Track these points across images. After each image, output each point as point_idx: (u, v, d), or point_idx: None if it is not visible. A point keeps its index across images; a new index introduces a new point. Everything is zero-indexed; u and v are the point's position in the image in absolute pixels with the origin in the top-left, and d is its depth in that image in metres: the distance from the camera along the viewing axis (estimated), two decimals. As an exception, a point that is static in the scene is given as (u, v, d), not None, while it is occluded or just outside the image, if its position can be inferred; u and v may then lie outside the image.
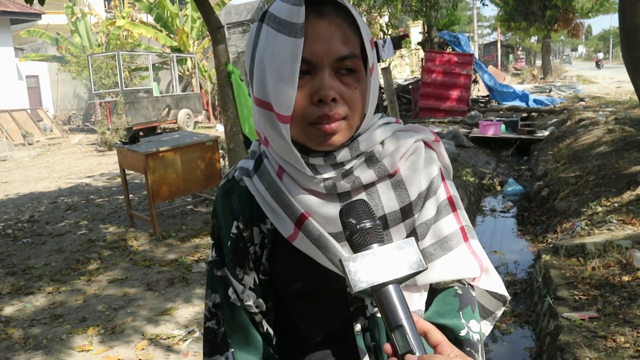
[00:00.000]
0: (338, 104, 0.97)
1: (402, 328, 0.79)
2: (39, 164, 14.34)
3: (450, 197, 1.14)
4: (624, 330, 3.31)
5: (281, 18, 0.94)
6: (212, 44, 6.84)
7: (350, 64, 0.97)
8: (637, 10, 6.57)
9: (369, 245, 0.85)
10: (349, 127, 1.00)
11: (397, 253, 0.83)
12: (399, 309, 0.80)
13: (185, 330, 4.18)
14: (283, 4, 0.95)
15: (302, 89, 0.96)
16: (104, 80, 20.57)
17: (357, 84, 0.99)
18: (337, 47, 0.96)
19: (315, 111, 0.96)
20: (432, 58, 17.21)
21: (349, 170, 1.03)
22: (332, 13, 0.96)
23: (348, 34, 0.97)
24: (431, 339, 0.84)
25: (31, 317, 4.58)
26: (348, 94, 0.98)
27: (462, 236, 1.11)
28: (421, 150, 1.09)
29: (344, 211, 0.89)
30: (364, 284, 0.80)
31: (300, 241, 1.03)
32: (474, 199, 8.25)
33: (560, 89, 23.87)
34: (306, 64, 0.95)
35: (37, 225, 7.63)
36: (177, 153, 6.68)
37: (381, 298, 0.81)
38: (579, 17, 32.27)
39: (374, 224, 0.87)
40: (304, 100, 0.96)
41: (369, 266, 0.81)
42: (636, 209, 5.56)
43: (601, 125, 10.90)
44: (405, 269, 0.82)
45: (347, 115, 0.98)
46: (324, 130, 0.97)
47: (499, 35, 46.08)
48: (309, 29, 0.94)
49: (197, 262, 5.66)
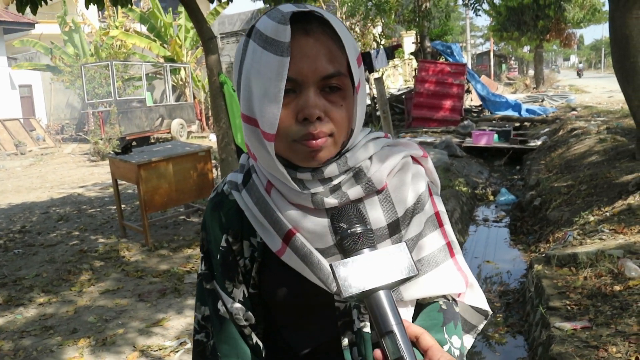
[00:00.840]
0: (323, 122, 0.96)
1: (392, 334, 0.79)
2: (31, 174, 14.29)
3: (437, 212, 1.14)
4: (615, 340, 3.31)
5: (267, 35, 0.94)
6: (205, 55, 6.84)
7: (335, 82, 0.97)
8: (627, 21, 6.61)
9: (359, 250, 0.84)
10: (335, 144, 1.00)
11: (389, 258, 0.82)
12: (389, 315, 0.80)
13: (176, 341, 4.16)
14: (269, 21, 0.95)
15: (287, 107, 0.96)
16: (97, 90, 20.54)
17: (343, 101, 0.99)
18: (323, 66, 0.95)
19: (300, 130, 0.96)
20: (425, 68, 17.27)
21: (337, 185, 1.03)
22: (318, 31, 0.96)
23: (334, 51, 0.97)
24: (422, 343, 0.84)
25: (21, 328, 4.54)
26: (334, 111, 0.97)
27: (449, 252, 1.11)
28: (409, 166, 1.10)
29: (335, 216, 0.89)
30: (354, 289, 0.79)
31: (288, 256, 1.03)
32: (466, 209, 8.26)
33: (553, 98, 23.98)
34: (291, 82, 0.95)
35: (29, 235, 7.59)
36: (169, 163, 6.67)
37: (372, 304, 0.81)
38: (571, 27, 32.45)
39: (365, 229, 0.87)
40: (289, 118, 0.96)
41: (359, 271, 0.81)
42: (628, 218, 5.58)
43: (593, 135, 10.95)
44: (397, 274, 0.82)
45: (333, 132, 0.98)
46: (309, 146, 0.97)
47: (491, 45, 46.29)
48: (295, 47, 0.94)
49: (189, 272, 5.64)
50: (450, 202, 7.57)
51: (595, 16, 30.42)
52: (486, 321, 1.22)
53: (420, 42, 19.07)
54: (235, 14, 27.30)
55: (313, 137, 0.96)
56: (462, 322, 1.20)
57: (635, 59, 6.69)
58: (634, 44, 6.67)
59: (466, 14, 41.73)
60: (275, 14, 0.95)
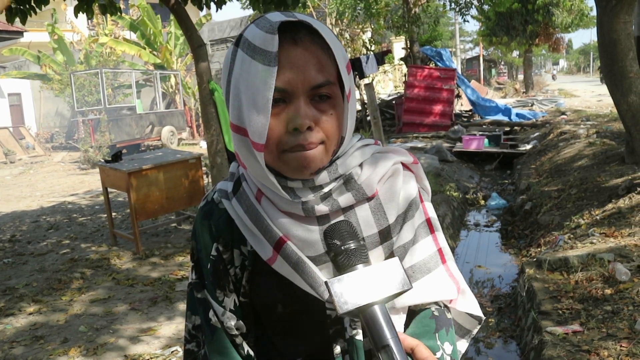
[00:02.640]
0: (313, 131, 0.96)
1: (389, 347, 0.79)
2: (21, 183, 14.21)
3: (428, 219, 1.14)
4: (607, 344, 3.32)
5: (256, 45, 0.93)
6: (195, 62, 6.84)
7: (325, 92, 0.97)
8: (614, 26, 6.66)
9: (353, 266, 0.85)
10: (326, 153, 1.00)
11: (382, 273, 0.83)
12: (385, 329, 0.80)
13: (168, 350, 4.14)
14: (258, 30, 0.94)
15: (277, 117, 0.96)
16: (87, 98, 20.47)
17: (333, 110, 0.98)
18: (312, 75, 0.95)
19: (291, 140, 0.96)
20: (415, 73, 17.32)
21: (328, 193, 1.03)
22: (307, 40, 0.95)
23: (323, 61, 0.96)
24: (417, 355, 0.85)
25: (11, 338, 4.51)
26: (324, 120, 0.97)
27: (440, 258, 1.12)
28: (399, 173, 1.09)
29: (329, 232, 0.90)
30: (350, 305, 0.80)
31: (279, 264, 1.03)
32: (457, 214, 8.28)
33: (542, 102, 24.11)
34: (281, 92, 0.94)
35: (19, 244, 7.55)
36: (160, 171, 6.65)
37: (367, 318, 0.81)
38: (560, 32, 32.68)
39: (358, 245, 0.87)
40: (279, 129, 0.96)
41: (354, 287, 0.81)
42: (618, 221, 5.60)
43: (582, 139, 11.02)
44: (391, 289, 0.82)
45: (324, 141, 0.98)
46: (300, 157, 0.97)
47: (481, 50, 46.52)
48: (283, 57, 0.93)
49: (180, 280, 5.62)
50: (441, 207, 7.59)
51: (583, 21, 30.63)
52: (480, 326, 1.22)
53: (409, 48, 19.14)
54: (225, 20, 27.33)
55: (303, 148, 0.96)
56: (456, 327, 1.20)
57: (623, 63, 6.74)
58: (622, 49, 6.71)
59: (455, 19, 41.97)
60: (263, 23, 0.94)
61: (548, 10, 29.37)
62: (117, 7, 6.66)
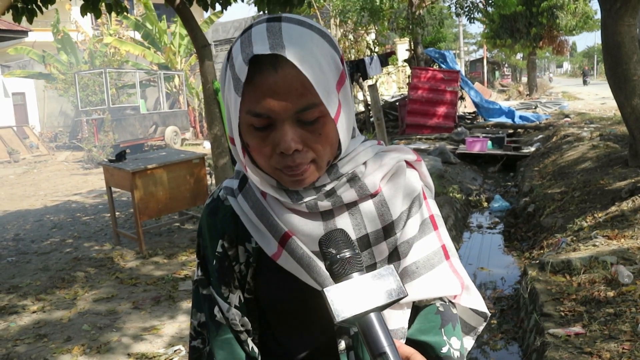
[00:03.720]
0: (302, 152, 0.96)
1: (385, 355, 0.80)
2: (24, 182, 14.25)
3: (432, 215, 1.15)
4: (609, 346, 3.32)
5: (235, 68, 0.93)
6: (199, 62, 6.86)
7: (310, 116, 0.94)
8: (618, 29, 6.66)
9: (349, 275, 0.86)
10: (318, 168, 1.00)
11: (377, 281, 0.84)
12: (381, 337, 0.81)
13: (171, 348, 4.15)
14: (239, 53, 0.93)
15: (265, 141, 0.96)
16: (90, 98, 20.49)
17: (322, 129, 0.96)
18: (294, 101, 0.92)
19: (281, 161, 0.97)
20: (419, 75, 17.30)
21: (331, 190, 1.04)
22: (287, 65, 0.91)
23: (306, 83, 0.92)
24: None
25: (15, 336, 4.53)
26: (313, 140, 0.96)
27: (444, 254, 1.12)
28: (403, 170, 1.10)
29: (324, 241, 0.90)
30: (346, 313, 0.81)
31: (284, 260, 1.04)
32: (460, 216, 8.28)
33: (546, 105, 24.07)
34: (264, 119, 0.94)
35: (22, 243, 7.57)
36: (164, 171, 6.67)
37: (363, 326, 0.82)
38: (564, 35, 32.62)
39: (353, 253, 0.88)
40: (268, 151, 0.97)
41: (350, 296, 0.82)
42: (621, 224, 5.60)
43: (586, 142, 11.00)
44: (386, 297, 0.83)
45: (314, 159, 0.98)
46: (291, 176, 0.98)
47: (484, 52, 46.42)
48: (264, 85, 0.91)
49: (183, 280, 5.63)
50: (444, 209, 7.58)
51: (587, 24, 30.60)
52: (485, 323, 1.22)
53: (413, 49, 19.12)
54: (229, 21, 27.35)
55: (292, 169, 0.97)
56: (462, 324, 1.20)
57: (627, 66, 6.74)
58: (626, 51, 6.71)
59: (459, 21, 41.90)
60: (245, 41, 0.94)
61: (552, 13, 29.34)
62: (124, 6, 6.69)
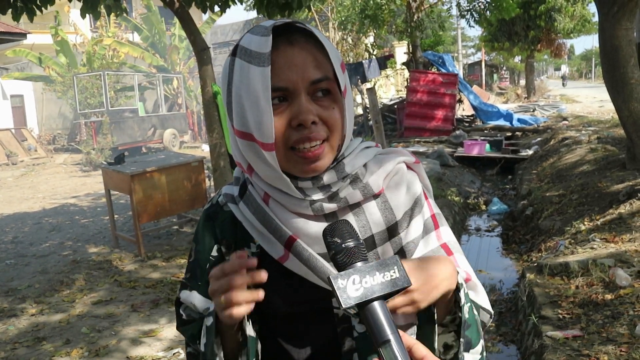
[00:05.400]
0: (318, 126, 1.00)
1: (389, 343, 0.81)
2: (23, 184, 14.24)
3: (433, 215, 1.17)
4: (607, 348, 3.33)
5: (251, 50, 0.98)
6: (198, 65, 6.86)
7: (325, 86, 1.01)
8: (616, 32, 6.68)
9: (353, 264, 0.86)
10: (331, 149, 1.03)
11: (382, 270, 0.85)
12: (385, 325, 0.82)
13: (169, 351, 4.15)
14: (253, 36, 0.99)
15: (281, 116, 0.99)
16: (89, 100, 20.50)
17: (335, 104, 1.02)
18: (310, 72, 0.99)
19: (295, 135, 0.99)
20: (417, 78, 17.32)
21: (336, 192, 1.05)
22: (301, 40, 1.00)
23: (319, 58, 1.00)
24: (416, 353, 0.86)
25: (14, 339, 4.53)
26: (327, 115, 1.01)
27: (445, 252, 1.14)
28: (403, 171, 1.13)
29: (328, 232, 0.91)
30: (352, 300, 0.81)
31: (291, 262, 1.05)
32: (459, 218, 8.29)
33: (544, 108, 24.09)
34: (282, 91, 0.98)
35: (21, 246, 7.57)
36: (162, 174, 6.67)
37: (367, 315, 0.83)
38: (562, 38, 32.68)
39: (357, 243, 0.89)
40: (283, 126, 0.99)
41: (355, 283, 0.83)
42: (619, 227, 5.61)
43: (584, 145, 11.02)
44: (390, 285, 0.84)
45: (328, 136, 1.01)
46: (306, 156, 0.99)
47: (483, 55, 46.44)
48: (281, 58, 0.98)
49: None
50: (442, 212, 7.55)
51: (585, 27, 30.64)
52: (491, 320, 1.21)
53: (412, 52, 19.15)
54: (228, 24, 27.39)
55: (309, 141, 0.99)
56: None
57: (624, 69, 6.76)
58: (623, 55, 6.73)
59: (458, 24, 41.96)
60: (257, 29, 1.00)
61: (550, 16, 29.37)
62: (123, 7, 6.69)
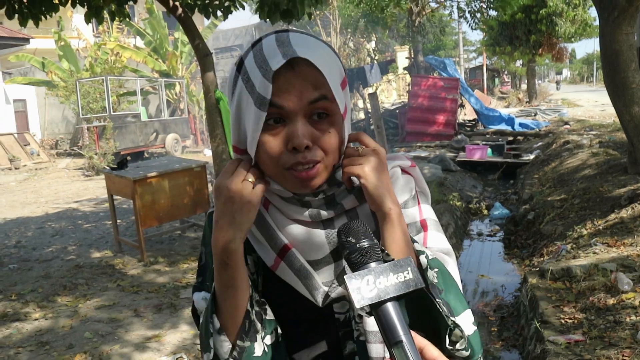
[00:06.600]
0: (312, 150, 0.99)
1: (401, 344, 0.82)
2: (25, 189, 14.27)
3: (423, 220, 1.17)
4: (609, 353, 3.34)
5: (254, 85, 0.98)
6: (201, 71, 6.89)
7: (322, 106, 1.00)
8: (616, 37, 6.69)
9: (367, 264, 0.87)
10: (325, 169, 1.03)
11: (395, 271, 0.85)
12: (397, 326, 0.82)
13: (172, 356, 4.16)
14: (256, 70, 0.98)
15: (276, 137, 0.99)
16: (91, 105, 20.54)
17: (332, 128, 1.01)
18: (309, 92, 0.98)
19: (290, 158, 0.99)
20: (419, 83, 17.37)
21: (332, 197, 1.07)
22: (303, 64, 0.98)
23: (319, 79, 0.99)
24: (427, 354, 0.87)
25: (17, 344, 4.54)
26: (322, 139, 1.00)
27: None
28: (397, 176, 1.14)
29: (342, 231, 0.92)
30: (366, 300, 0.82)
31: (282, 271, 1.07)
32: (460, 223, 8.30)
33: (546, 112, 24.11)
34: (280, 110, 0.98)
35: (24, 250, 7.58)
36: (165, 179, 6.69)
37: (380, 315, 0.83)
38: (563, 42, 32.68)
39: (371, 243, 0.89)
40: (279, 148, 1.00)
41: (369, 283, 0.83)
42: (620, 231, 5.62)
43: (586, 149, 11.03)
44: (403, 287, 0.84)
45: (323, 158, 1.01)
46: (300, 176, 1.00)
47: (484, 60, 46.42)
48: (281, 79, 0.97)
49: (185, 287, 5.65)
50: (444, 217, 7.61)
51: (586, 31, 30.61)
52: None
53: (413, 57, 19.19)
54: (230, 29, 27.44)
55: (302, 164, 0.99)
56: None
57: (625, 74, 6.77)
58: (624, 59, 6.75)
59: (459, 28, 41.97)
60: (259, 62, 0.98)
61: (551, 20, 29.36)
62: (126, 12, 6.72)
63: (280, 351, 1.09)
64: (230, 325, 1.04)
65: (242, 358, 1.03)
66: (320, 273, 1.07)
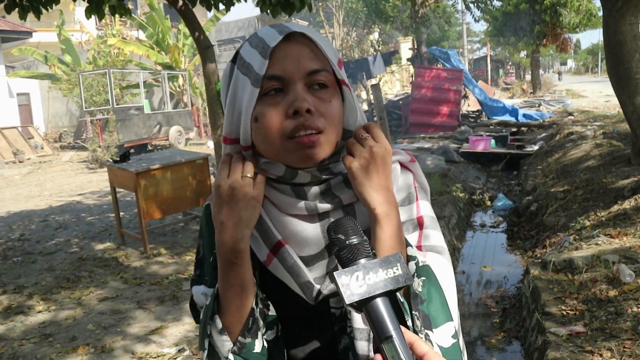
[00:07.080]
0: (314, 116, 0.98)
1: (391, 339, 0.82)
2: (29, 182, 14.30)
3: (420, 217, 1.16)
4: (610, 345, 3.34)
5: (251, 67, 0.99)
6: (202, 63, 6.88)
7: (322, 78, 1.00)
8: (620, 27, 6.66)
9: (356, 261, 0.87)
10: (328, 142, 1.01)
11: (385, 267, 0.85)
12: (387, 321, 0.83)
13: (175, 348, 4.18)
14: (253, 51, 1.00)
15: (277, 107, 0.99)
16: (95, 98, 20.55)
17: (332, 98, 1.02)
18: (307, 63, 0.99)
19: (292, 123, 0.98)
20: (422, 74, 17.33)
21: (328, 188, 1.06)
22: (298, 37, 1.00)
23: (316, 52, 1.00)
24: (417, 350, 0.87)
25: (21, 336, 4.56)
26: (323, 107, 1.00)
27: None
28: (397, 171, 1.13)
29: (332, 228, 0.92)
30: (356, 296, 0.82)
31: (274, 267, 1.06)
32: (464, 214, 8.29)
33: (550, 103, 24.02)
34: (278, 80, 0.98)
35: (28, 243, 7.61)
36: (167, 171, 6.69)
37: (370, 311, 0.84)
38: (567, 32, 32.50)
39: (361, 240, 0.90)
40: (280, 116, 0.99)
41: (359, 280, 0.84)
42: (623, 223, 5.61)
43: (589, 140, 11.00)
44: (393, 282, 0.85)
45: (325, 127, 1.00)
46: (302, 142, 0.98)
47: (488, 50, 46.30)
48: (278, 51, 0.98)
49: (187, 279, 5.66)
50: (447, 208, 7.60)
51: (591, 21, 30.42)
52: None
53: (417, 48, 19.13)
54: (232, 21, 27.40)
55: (305, 129, 0.98)
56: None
57: (629, 64, 6.74)
58: (628, 50, 6.72)
59: (463, 19, 41.83)
60: (255, 43, 1.01)
61: (556, 11, 29.21)
62: (127, 8, 6.71)
63: (279, 347, 1.09)
64: (233, 324, 1.03)
65: (241, 354, 1.02)
66: (314, 269, 1.06)
